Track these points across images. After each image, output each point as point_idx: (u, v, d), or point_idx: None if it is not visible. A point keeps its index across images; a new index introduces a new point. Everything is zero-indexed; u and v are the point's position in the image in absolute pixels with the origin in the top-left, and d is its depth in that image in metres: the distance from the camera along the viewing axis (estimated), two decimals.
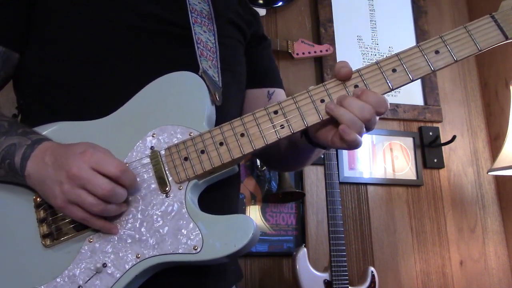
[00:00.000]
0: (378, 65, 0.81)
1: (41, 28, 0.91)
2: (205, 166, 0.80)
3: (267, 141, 0.80)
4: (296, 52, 2.33)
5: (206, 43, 0.94)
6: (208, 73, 0.89)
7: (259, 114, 0.82)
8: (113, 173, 0.73)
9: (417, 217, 2.39)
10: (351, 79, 0.81)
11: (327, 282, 1.88)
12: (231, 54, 1.01)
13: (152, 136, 0.82)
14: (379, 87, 0.80)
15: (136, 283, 0.76)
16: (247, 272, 2.09)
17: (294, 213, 2.21)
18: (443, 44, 0.81)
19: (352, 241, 2.26)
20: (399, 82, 0.80)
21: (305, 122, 0.80)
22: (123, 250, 0.76)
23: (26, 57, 0.92)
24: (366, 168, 2.38)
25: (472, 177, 2.54)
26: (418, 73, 0.80)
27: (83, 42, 0.89)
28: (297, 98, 0.81)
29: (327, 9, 2.53)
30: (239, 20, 1.06)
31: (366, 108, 0.77)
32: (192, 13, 0.96)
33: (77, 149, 0.75)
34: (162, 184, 0.79)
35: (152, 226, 0.77)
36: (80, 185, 0.72)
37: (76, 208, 0.73)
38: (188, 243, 0.75)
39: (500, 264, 2.44)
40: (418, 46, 0.81)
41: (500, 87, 2.59)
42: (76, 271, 0.75)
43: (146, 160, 0.81)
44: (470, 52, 0.81)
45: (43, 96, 0.90)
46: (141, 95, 0.85)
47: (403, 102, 2.52)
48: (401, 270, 2.29)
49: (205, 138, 0.81)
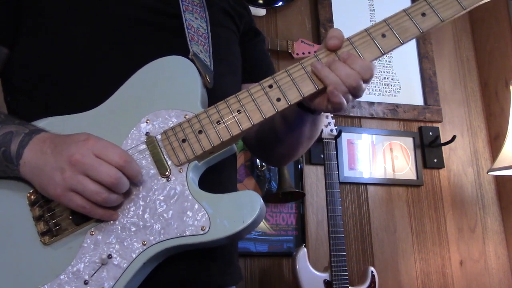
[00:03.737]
0: (367, 31, 0.82)
1: (30, 21, 0.89)
2: (204, 145, 0.79)
3: (265, 114, 0.80)
4: (296, 52, 2.33)
5: (197, 29, 0.94)
6: (199, 56, 0.88)
7: (254, 90, 0.81)
8: (117, 162, 0.71)
9: (417, 217, 2.39)
10: (343, 47, 0.81)
11: (327, 282, 1.88)
12: (225, 44, 1.01)
13: (146, 122, 0.81)
14: (371, 53, 0.81)
15: (145, 272, 0.75)
16: (247, 272, 2.09)
17: (294, 213, 2.21)
18: (428, 6, 0.82)
19: (352, 241, 2.26)
20: (390, 46, 0.81)
21: (301, 93, 0.80)
22: (128, 239, 0.74)
23: (16, 52, 0.89)
24: (366, 168, 2.38)
25: (472, 177, 2.55)
26: (407, 36, 0.81)
27: (74, 34, 0.88)
28: (290, 71, 0.82)
29: (327, 9, 2.53)
30: (232, 11, 1.06)
31: (352, 75, 0.78)
32: (183, 2, 0.96)
33: (79, 137, 0.74)
34: (161, 168, 0.78)
35: (156, 212, 0.75)
36: (83, 171, 0.70)
37: (76, 196, 0.71)
38: (195, 224, 0.74)
39: (500, 264, 2.44)
40: (404, 10, 0.83)
41: (500, 87, 2.59)
42: (80, 265, 0.73)
43: (143, 146, 0.79)
44: (455, 12, 0.82)
45: (33, 91, 0.88)
46: (130, 83, 0.84)
47: (403, 102, 2.52)
48: (401, 270, 2.29)
49: (202, 118, 0.80)
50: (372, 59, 0.81)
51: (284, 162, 1.14)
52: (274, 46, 2.29)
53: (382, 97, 2.52)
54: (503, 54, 2.60)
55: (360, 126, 2.44)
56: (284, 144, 1.02)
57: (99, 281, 0.72)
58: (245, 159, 2.21)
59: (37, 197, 0.77)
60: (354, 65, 0.78)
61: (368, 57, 0.81)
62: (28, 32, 0.89)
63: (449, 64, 2.72)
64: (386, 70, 2.57)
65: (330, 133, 2.05)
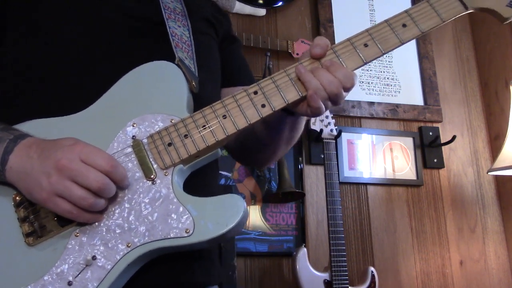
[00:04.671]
0: (350, 41, 0.85)
1: (15, 24, 0.89)
2: (189, 149, 0.80)
3: (249, 120, 0.82)
4: (296, 52, 2.33)
5: (181, 36, 0.95)
6: (185, 62, 0.90)
7: (240, 96, 0.83)
8: (103, 167, 0.72)
9: (417, 217, 2.39)
10: (327, 56, 0.84)
11: (327, 282, 1.88)
12: (207, 51, 1.02)
13: (133, 125, 0.82)
14: (353, 62, 0.84)
15: (129, 273, 0.76)
16: (247, 272, 2.09)
17: (294, 213, 2.21)
18: (409, 18, 0.86)
19: (352, 241, 2.26)
20: (372, 56, 0.84)
21: (285, 100, 0.82)
22: (113, 241, 0.75)
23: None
24: (366, 168, 2.38)
25: (472, 177, 2.55)
26: (388, 46, 0.85)
27: (60, 38, 0.89)
28: (275, 78, 0.84)
29: (327, 9, 2.53)
30: (212, 18, 1.08)
31: (334, 83, 0.80)
32: (166, 10, 0.97)
33: (66, 142, 0.74)
34: (147, 171, 0.79)
35: (141, 214, 0.76)
36: (69, 177, 0.70)
37: (61, 200, 0.71)
38: (180, 227, 0.75)
39: (500, 264, 2.44)
40: (386, 21, 0.86)
41: (500, 87, 2.59)
42: (64, 267, 0.73)
43: (129, 149, 0.80)
44: (434, 24, 0.85)
45: (16, 94, 0.87)
46: (117, 87, 0.85)
47: (403, 102, 2.52)
48: (401, 270, 2.29)
49: (187, 123, 0.82)
50: (354, 68, 0.84)
51: (262, 165, 1.17)
52: (274, 46, 2.29)
53: (382, 97, 2.52)
54: (503, 54, 2.60)
55: (360, 126, 2.44)
56: (264, 146, 1.05)
57: (83, 282, 0.73)
58: None
59: (22, 198, 0.76)
60: (337, 73, 0.81)
61: (350, 65, 0.84)
62: (10, 36, 0.89)
63: (449, 64, 2.72)
64: (386, 70, 2.57)
65: (330, 133, 2.05)
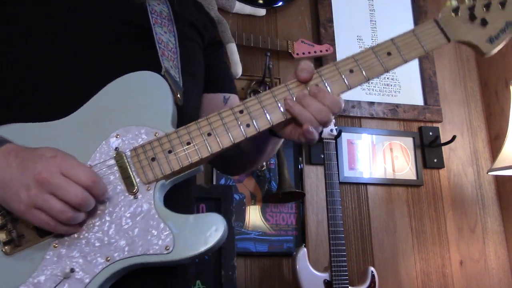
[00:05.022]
0: (336, 66, 0.86)
1: (10, 24, 0.88)
2: (173, 166, 0.80)
3: (234, 139, 0.82)
4: (296, 52, 2.33)
5: (167, 43, 0.94)
6: (170, 73, 0.89)
7: (225, 114, 0.83)
8: (84, 182, 0.71)
9: (417, 217, 2.39)
10: (312, 79, 0.85)
11: (327, 282, 1.88)
12: (191, 57, 1.02)
13: (116, 137, 0.81)
14: (338, 87, 0.85)
15: (106, 287, 0.75)
16: (247, 272, 2.09)
17: (294, 213, 2.21)
18: (394, 47, 0.87)
19: (352, 241, 2.26)
20: (356, 82, 0.86)
21: (270, 121, 0.83)
22: (92, 254, 0.74)
23: None
24: (366, 168, 2.38)
25: (472, 177, 2.54)
26: (373, 73, 0.86)
27: (41, 41, 0.88)
28: (261, 98, 0.84)
29: (327, 9, 2.53)
30: (198, 24, 1.07)
31: (324, 111, 0.82)
32: (152, 14, 0.96)
33: (46, 152, 0.73)
34: (129, 185, 0.78)
35: (121, 228, 0.76)
36: (49, 190, 0.70)
37: (40, 213, 0.70)
38: (160, 244, 0.75)
39: (500, 264, 2.44)
40: (372, 48, 0.87)
41: (500, 87, 2.59)
42: (41, 278, 0.72)
43: (111, 161, 0.79)
44: (417, 54, 0.88)
45: (16, 94, 0.86)
46: (102, 95, 0.84)
47: (403, 102, 2.52)
48: (401, 270, 2.29)
49: (172, 138, 0.81)
50: (339, 93, 0.85)
51: (239, 173, 1.18)
52: (274, 46, 2.29)
53: (382, 97, 2.52)
54: (503, 54, 2.60)
55: (360, 126, 2.44)
56: (244, 158, 1.06)
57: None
58: None
59: None
60: (324, 101, 0.82)
61: (335, 90, 0.85)
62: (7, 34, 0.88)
63: (449, 64, 2.72)
64: None
65: (330, 133, 2.05)
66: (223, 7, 2.31)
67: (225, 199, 2.01)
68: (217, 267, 1.90)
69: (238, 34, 2.24)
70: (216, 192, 2.03)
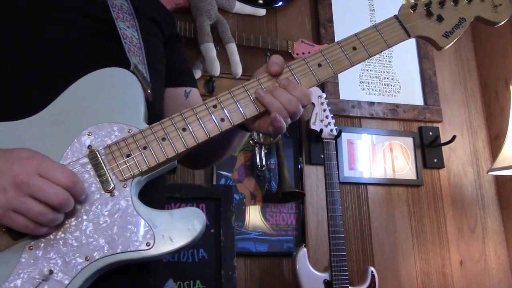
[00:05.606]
0: (305, 60, 0.90)
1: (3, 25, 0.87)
2: (149, 161, 0.80)
3: (209, 134, 0.83)
4: (296, 52, 2.33)
5: (131, 38, 0.93)
6: (139, 69, 0.89)
7: (199, 109, 0.84)
8: (64, 182, 0.70)
9: (417, 217, 2.39)
10: (283, 73, 0.88)
11: (327, 282, 1.88)
12: (154, 52, 1.01)
13: (88, 134, 0.80)
14: (307, 80, 0.89)
15: (85, 286, 0.74)
16: (247, 272, 2.09)
17: (294, 213, 2.21)
18: (359, 42, 0.92)
19: (352, 241, 2.26)
20: (325, 76, 0.90)
21: (244, 115, 0.85)
22: (70, 255, 0.73)
23: None
24: (366, 168, 2.38)
25: (472, 177, 2.55)
26: (340, 67, 0.91)
27: (51, 41, 0.87)
28: (234, 93, 0.86)
29: (327, 9, 2.53)
30: (158, 18, 1.08)
31: (293, 102, 0.85)
32: (114, 8, 0.95)
33: (21, 153, 0.71)
34: (105, 183, 0.77)
35: (99, 227, 0.75)
36: (28, 192, 0.68)
37: (18, 216, 0.68)
38: (140, 240, 0.75)
39: (500, 264, 2.44)
40: (338, 43, 0.92)
41: (500, 87, 2.59)
42: (18, 282, 0.70)
43: (85, 159, 0.78)
44: (381, 48, 0.93)
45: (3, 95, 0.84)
46: (71, 92, 0.82)
47: (403, 102, 2.52)
48: (401, 270, 2.29)
49: (147, 134, 0.81)
50: (309, 86, 0.89)
51: (202, 167, 1.19)
52: (274, 46, 2.29)
53: (382, 97, 2.52)
54: (503, 54, 2.60)
55: (360, 126, 2.44)
56: (211, 152, 1.07)
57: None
58: (245, 159, 2.21)
59: None
60: (294, 92, 0.85)
61: (305, 84, 0.89)
62: None
63: (449, 64, 2.72)
64: (386, 70, 2.57)
65: (330, 133, 2.05)
66: (223, 7, 2.31)
67: (225, 199, 2.01)
68: (217, 267, 1.90)
69: (238, 34, 2.24)
70: (216, 192, 2.03)
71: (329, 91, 2.39)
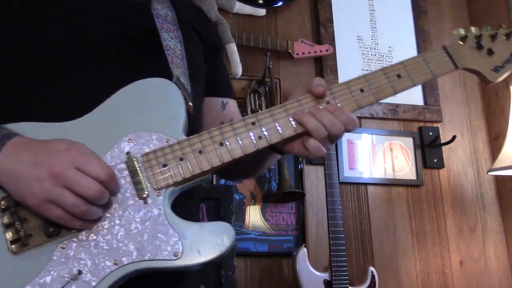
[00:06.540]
0: (347, 85, 0.88)
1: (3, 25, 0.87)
2: (184, 173, 0.80)
3: (246, 151, 0.83)
4: (296, 52, 2.33)
5: (174, 50, 0.94)
6: (181, 80, 0.89)
7: (237, 125, 0.84)
8: (99, 176, 0.71)
9: (417, 217, 2.39)
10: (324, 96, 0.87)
11: (327, 282, 1.88)
12: (195, 62, 1.02)
13: (128, 141, 0.81)
14: (348, 106, 0.87)
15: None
16: (247, 272, 2.09)
17: (294, 213, 2.21)
18: (404, 70, 0.91)
19: (352, 241, 2.26)
20: (366, 102, 0.88)
21: (282, 135, 0.84)
22: (100, 257, 0.74)
23: None
24: (366, 168, 2.38)
25: (472, 177, 2.54)
26: (382, 95, 0.89)
27: (52, 41, 0.87)
28: (273, 111, 0.85)
29: (327, 9, 2.53)
30: (200, 28, 1.08)
31: (337, 124, 0.83)
32: (158, 19, 0.95)
33: (59, 145, 0.72)
34: (139, 190, 0.78)
35: (130, 232, 0.76)
36: (63, 184, 0.69)
37: (54, 206, 0.70)
38: (169, 250, 0.75)
39: (500, 264, 2.44)
40: (382, 69, 0.90)
41: (500, 87, 2.59)
42: (47, 278, 0.72)
43: (122, 165, 0.79)
44: (426, 78, 0.91)
45: (7, 95, 0.85)
46: (115, 100, 0.84)
47: (403, 102, 2.52)
48: (401, 270, 2.29)
49: (184, 146, 0.81)
50: (350, 111, 0.87)
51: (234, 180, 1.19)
52: (274, 46, 2.29)
53: None
54: None
55: (360, 126, 2.44)
56: (242, 168, 1.07)
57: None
58: None
59: (8, 204, 0.74)
60: (341, 117, 0.84)
61: (346, 109, 0.86)
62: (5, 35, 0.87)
63: None
64: None
65: None
66: (223, 7, 2.31)
67: (225, 199, 2.01)
68: (217, 267, 1.90)
69: (238, 34, 2.24)
70: (216, 192, 2.03)
71: None
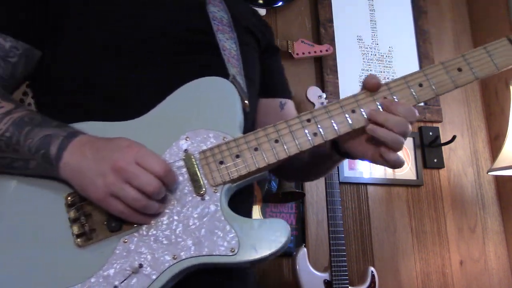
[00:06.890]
0: (405, 79, 0.86)
1: (68, 25, 0.90)
2: (240, 170, 0.81)
3: (301, 147, 0.83)
4: (296, 52, 2.33)
5: (230, 50, 0.96)
6: (237, 79, 0.91)
7: (292, 122, 0.84)
8: (158, 172, 0.74)
9: (417, 217, 2.39)
10: (380, 92, 0.85)
11: (327, 282, 1.88)
12: (251, 64, 1.03)
13: (186, 139, 0.83)
14: (406, 100, 0.85)
15: (169, 285, 0.77)
16: None
17: (294, 213, 2.21)
18: (465, 63, 0.86)
19: (352, 241, 2.26)
20: (425, 97, 0.85)
21: (337, 131, 0.84)
22: (159, 251, 0.76)
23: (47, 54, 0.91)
24: (366, 168, 2.38)
25: (472, 177, 2.55)
26: (443, 89, 0.85)
27: (114, 44, 0.90)
28: (329, 108, 0.85)
29: (327, 9, 2.53)
30: (255, 29, 1.09)
31: (402, 122, 0.82)
32: (214, 21, 0.98)
33: (121, 142, 0.76)
34: (197, 187, 0.80)
35: (188, 228, 0.78)
36: (125, 178, 0.72)
37: (116, 201, 0.73)
38: (225, 245, 0.76)
39: (500, 264, 2.44)
40: (442, 63, 0.86)
41: (500, 87, 2.59)
42: (111, 271, 0.75)
43: (181, 162, 0.82)
44: (489, 72, 0.86)
45: (69, 94, 0.89)
46: (173, 98, 0.87)
47: None
48: (401, 270, 2.29)
49: (240, 143, 0.83)
50: None
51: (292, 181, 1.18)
52: None
53: None
54: None
55: None
56: (309, 171, 1.08)
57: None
58: None
59: (74, 200, 0.78)
60: (399, 112, 0.82)
61: None
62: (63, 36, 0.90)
63: None
64: (386, 70, 2.57)
65: None
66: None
67: None
68: None
69: None
70: None
71: (329, 91, 2.39)
